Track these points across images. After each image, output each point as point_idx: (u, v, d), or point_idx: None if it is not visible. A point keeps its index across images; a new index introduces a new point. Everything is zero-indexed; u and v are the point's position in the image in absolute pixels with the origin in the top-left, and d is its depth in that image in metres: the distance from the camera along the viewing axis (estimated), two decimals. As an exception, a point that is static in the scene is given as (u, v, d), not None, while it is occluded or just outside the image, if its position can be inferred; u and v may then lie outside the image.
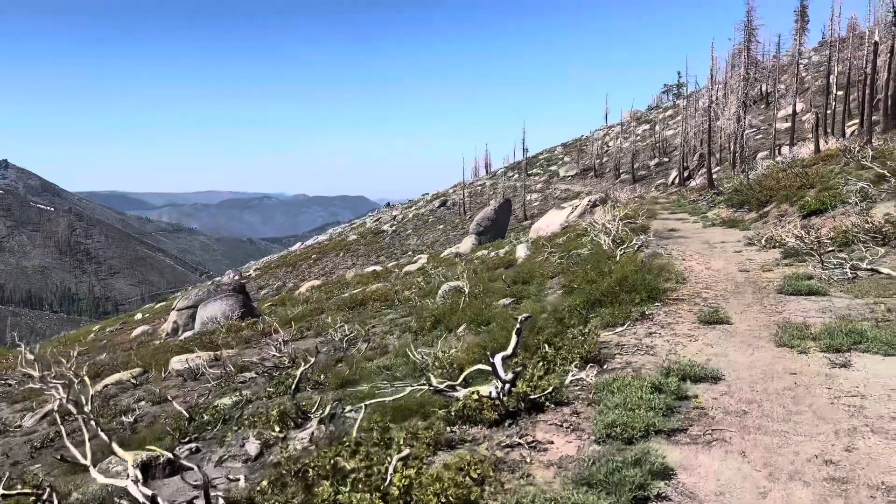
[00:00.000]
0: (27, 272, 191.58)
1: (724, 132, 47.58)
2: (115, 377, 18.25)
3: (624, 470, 4.01)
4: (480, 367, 6.13)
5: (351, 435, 5.33)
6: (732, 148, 43.12)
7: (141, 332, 38.43)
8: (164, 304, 59.08)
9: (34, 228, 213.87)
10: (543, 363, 6.53)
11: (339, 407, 7.83)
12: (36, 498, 4.38)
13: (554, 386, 5.65)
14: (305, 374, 11.25)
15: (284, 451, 4.82)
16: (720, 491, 3.95)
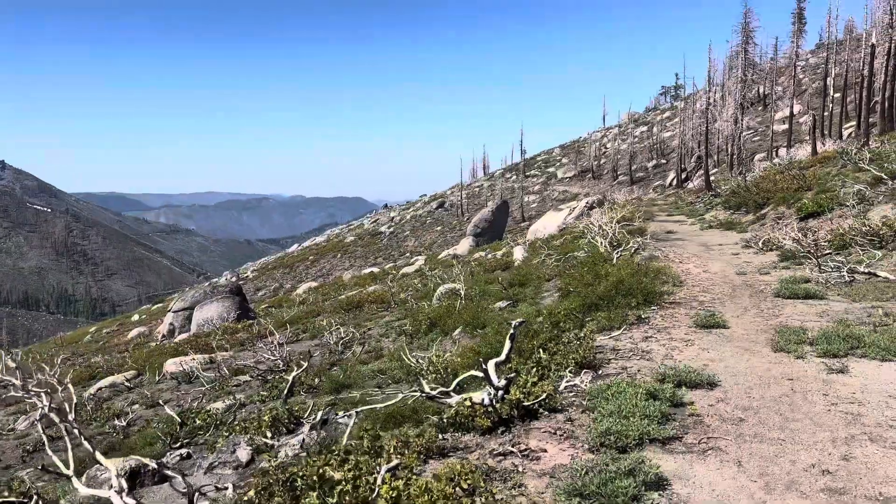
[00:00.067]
0: (24, 273, 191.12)
1: (721, 134, 47.62)
2: (109, 380, 18.14)
3: (617, 480, 3.92)
4: (473, 373, 6.04)
5: (341, 443, 5.24)
6: (730, 150, 43.14)
7: (137, 333, 38.29)
8: (160, 305, 58.92)
9: (31, 229, 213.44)
10: (538, 369, 6.45)
11: (331, 412, 7.74)
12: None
13: (548, 392, 5.57)
14: (299, 377, 11.16)
15: (273, 459, 4.73)
16: (715, 502, 3.87)
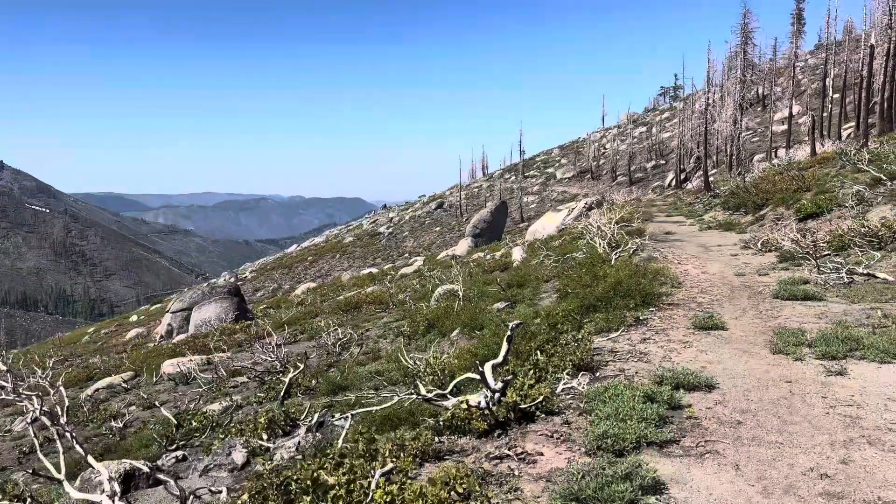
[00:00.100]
0: (22, 274, 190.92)
1: (720, 135, 47.64)
2: (106, 381, 18.09)
3: (614, 485, 3.89)
4: (470, 375, 6.00)
5: (336, 446, 5.21)
6: (729, 150, 43.16)
7: (135, 334, 38.21)
8: (159, 306, 58.81)
9: (29, 230, 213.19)
10: (535, 371, 6.41)
11: (328, 415, 7.70)
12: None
13: (545, 395, 5.53)
14: (296, 379, 11.11)
15: (267, 462, 4.69)
16: (713, 506, 3.84)
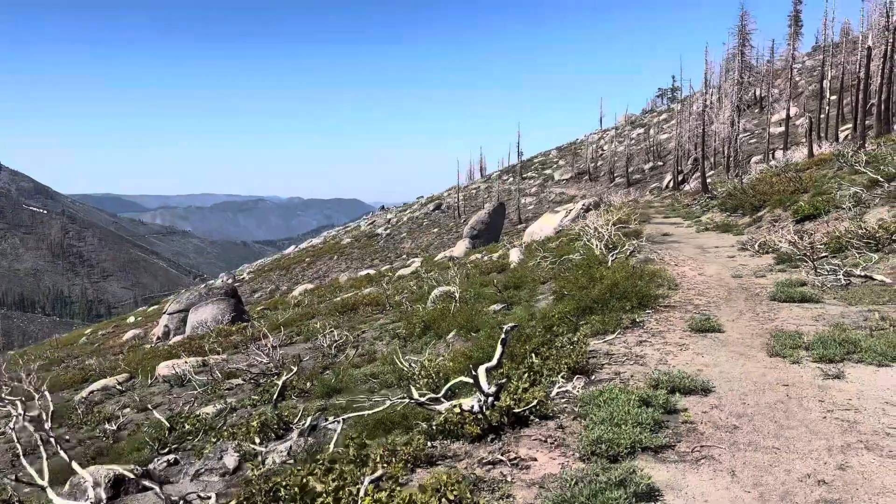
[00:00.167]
0: (19, 275, 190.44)
1: (718, 136, 47.65)
2: (101, 383, 17.99)
3: (608, 491, 3.82)
4: (464, 378, 5.93)
5: (327, 451, 5.13)
6: (726, 152, 43.16)
7: (132, 335, 38.05)
8: (156, 307, 58.63)
9: (27, 231, 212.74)
10: (530, 374, 6.34)
11: (321, 418, 7.62)
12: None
13: (539, 399, 5.46)
14: (291, 381, 11.04)
15: (257, 467, 4.62)
16: (708, 513, 3.77)
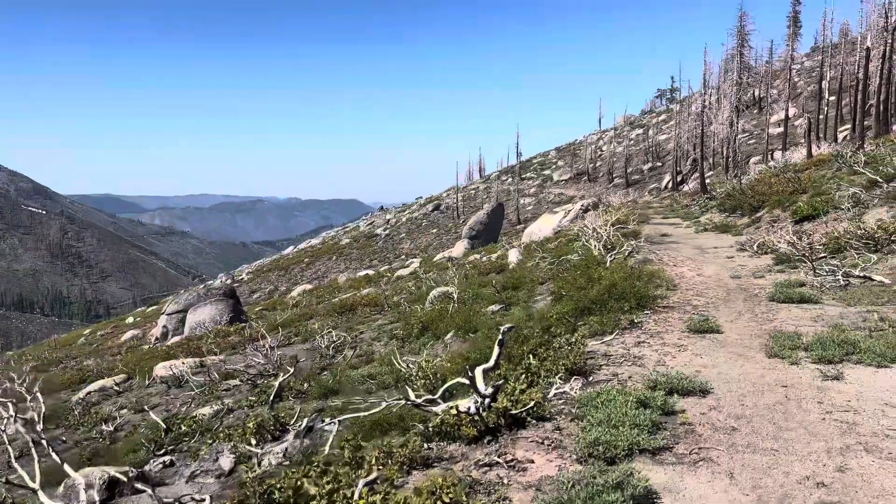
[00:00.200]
0: (18, 275, 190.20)
1: (717, 137, 47.64)
2: (98, 384, 17.92)
3: (605, 494, 3.78)
4: (461, 380, 5.89)
5: (323, 453, 5.10)
6: (725, 152, 43.14)
7: (131, 336, 37.97)
8: (155, 307, 58.56)
9: (25, 231, 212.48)
10: (527, 375, 6.30)
11: (317, 419, 7.57)
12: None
13: (536, 400, 5.42)
14: (288, 382, 10.99)
15: (251, 470, 4.58)
16: (706, 516, 3.74)
